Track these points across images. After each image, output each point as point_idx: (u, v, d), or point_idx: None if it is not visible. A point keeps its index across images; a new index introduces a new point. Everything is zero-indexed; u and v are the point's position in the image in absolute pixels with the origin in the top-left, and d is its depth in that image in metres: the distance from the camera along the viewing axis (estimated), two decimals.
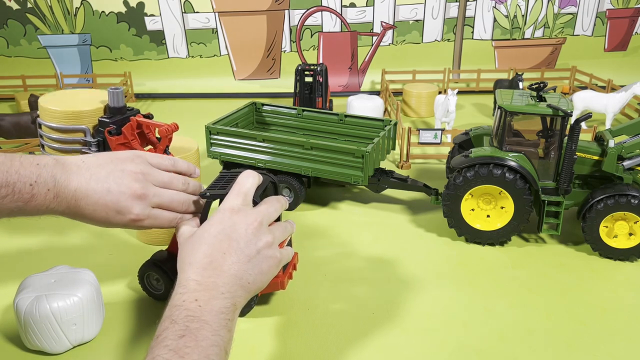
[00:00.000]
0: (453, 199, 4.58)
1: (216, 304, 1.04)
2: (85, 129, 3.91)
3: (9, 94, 9.32)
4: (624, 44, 10.04)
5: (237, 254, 1.12)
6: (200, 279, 1.06)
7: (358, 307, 3.92)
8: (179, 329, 0.97)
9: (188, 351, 0.93)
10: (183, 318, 0.99)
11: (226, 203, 1.24)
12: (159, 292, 4.01)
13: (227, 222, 1.18)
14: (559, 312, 3.89)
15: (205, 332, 0.98)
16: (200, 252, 1.12)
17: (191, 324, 0.98)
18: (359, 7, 9.54)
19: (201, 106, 9.19)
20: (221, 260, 1.10)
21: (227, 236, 1.15)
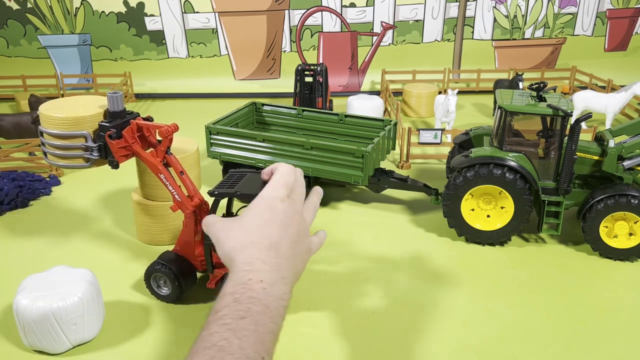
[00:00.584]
0: (453, 199, 4.58)
1: (278, 289, 1.03)
2: (86, 134, 3.94)
3: (9, 94, 9.34)
4: (624, 44, 10.04)
5: (291, 240, 1.10)
6: (266, 259, 1.04)
7: (358, 306, 3.92)
8: (240, 309, 0.95)
9: (246, 334, 0.92)
10: (247, 299, 0.97)
11: (271, 192, 1.21)
12: (166, 294, 4.03)
13: (279, 208, 1.15)
14: (559, 312, 3.89)
15: (265, 317, 0.97)
16: (259, 233, 1.09)
17: (253, 307, 0.96)
18: (359, 7, 9.54)
19: (201, 106, 9.19)
20: (280, 243, 1.08)
21: (280, 222, 1.11)
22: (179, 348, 3.54)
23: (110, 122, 3.94)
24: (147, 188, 4.61)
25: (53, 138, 4.01)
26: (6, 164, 6.22)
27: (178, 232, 4.82)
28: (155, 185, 4.56)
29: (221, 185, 3.43)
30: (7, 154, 6.18)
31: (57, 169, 6.20)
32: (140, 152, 3.96)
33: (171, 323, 3.77)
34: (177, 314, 3.87)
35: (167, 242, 4.72)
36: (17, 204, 5.44)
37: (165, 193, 4.60)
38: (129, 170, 6.11)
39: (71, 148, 4.02)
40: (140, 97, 9.59)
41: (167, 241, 4.73)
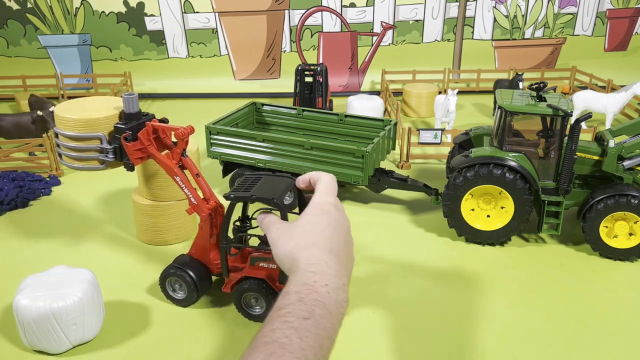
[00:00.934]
0: (453, 199, 4.58)
1: (340, 295, 1.03)
2: (101, 136, 3.89)
3: (9, 94, 9.33)
4: (624, 44, 10.04)
5: (347, 248, 1.12)
6: (330, 263, 1.05)
7: (358, 306, 3.92)
8: (305, 309, 0.96)
9: (308, 335, 0.92)
10: (312, 300, 0.97)
11: (324, 198, 1.23)
12: (181, 298, 3.96)
13: (333, 214, 1.17)
14: (559, 312, 3.89)
15: (326, 322, 0.97)
16: (320, 236, 1.10)
17: (317, 309, 0.97)
18: (359, 7, 9.54)
19: (201, 106, 9.19)
20: (339, 249, 1.09)
21: (335, 228, 1.14)
22: (179, 348, 3.54)
23: (125, 123, 3.90)
24: (147, 188, 4.61)
25: (68, 139, 4.00)
26: (6, 164, 6.22)
27: (178, 232, 4.83)
28: (156, 186, 4.56)
29: (237, 189, 3.40)
30: (7, 154, 6.18)
31: (57, 168, 6.20)
32: (156, 154, 3.93)
33: (171, 323, 3.77)
34: (177, 314, 3.86)
35: (167, 242, 4.73)
36: (17, 204, 5.44)
37: (166, 193, 4.60)
38: None
39: (86, 150, 3.99)
40: (140, 97, 9.58)
41: (167, 241, 4.73)
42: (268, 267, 3.73)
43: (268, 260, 3.72)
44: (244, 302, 3.77)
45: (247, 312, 3.78)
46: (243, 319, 3.80)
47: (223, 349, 3.53)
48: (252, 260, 3.75)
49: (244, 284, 3.71)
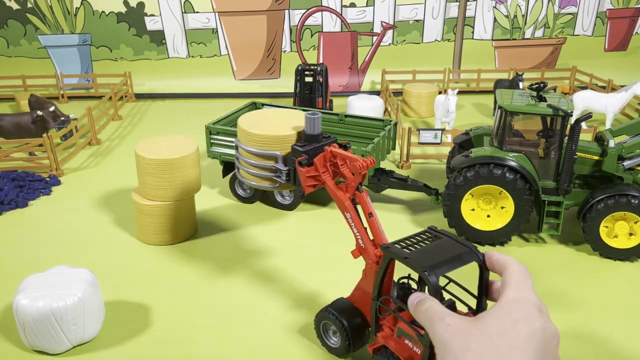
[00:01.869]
0: (453, 199, 4.57)
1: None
2: (278, 155, 3.56)
3: (9, 94, 9.33)
4: (624, 44, 10.03)
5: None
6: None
7: None
8: None
9: None
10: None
11: (525, 293, 0.93)
12: (334, 346, 3.46)
13: (538, 324, 0.89)
14: (559, 312, 3.88)
15: None
16: (517, 353, 0.86)
17: None
18: (359, 7, 9.54)
19: (201, 106, 9.19)
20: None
21: (542, 345, 0.88)
22: (178, 348, 3.54)
23: (303, 145, 3.48)
24: (147, 188, 4.61)
25: (247, 154, 3.69)
26: (6, 164, 6.22)
27: (178, 232, 4.83)
28: (156, 186, 4.56)
29: (402, 242, 2.97)
30: (7, 154, 6.18)
31: (57, 168, 6.20)
32: (331, 184, 3.46)
33: (171, 323, 3.77)
34: (177, 314, 3.86)
35: (167, 242, 4.72)
36: (17, 204, 5.44)
37: (166, 193, 4.60)
38: (129, 170, 6.12)
39: (262, 168, 3.68)
40: (140, 97, 9.58)
41: (167, 241, 4.73)
42: (412, 350, 3.21)
43: (415, 342, 3.17)
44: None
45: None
46: (246, 320, 3.80)
47: (223, 349, 3.53)
48: (399, 331, 3.26)
49: (382, 354, 3.30)
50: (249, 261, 4.45)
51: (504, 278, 0.98)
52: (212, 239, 4.86)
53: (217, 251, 4.65)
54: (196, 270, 4.36)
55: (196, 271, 4.35)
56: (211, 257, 4.55)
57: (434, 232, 2.96)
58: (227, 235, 4.91)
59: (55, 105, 7.16)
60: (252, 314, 3.86)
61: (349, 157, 3.35)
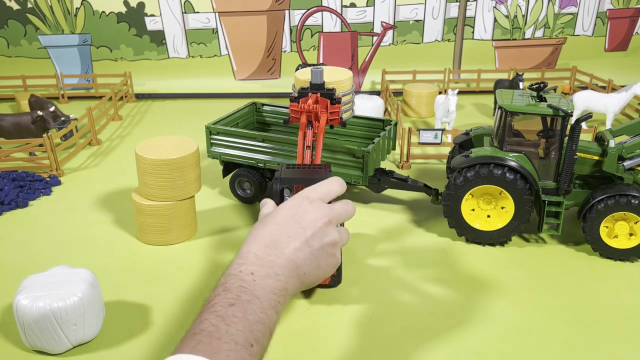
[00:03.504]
0: (453, 199, 4.58)
1: (269, 283, 1.04)
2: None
3: (9, 94, 9.33)
4: (625, 44, 10.03)
5: (301, 242, 1.12)
6: (261, 254, 1.08)
7: (359, 306, 3.92)
8: (230, 297, 0.99)
9: (235, 320, 0.95)
10: (236, 287, 1.00)
11: (304, 192, 1.23)
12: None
13: (300, 208, 1.17)
14: (559, 312, 3.89)
15: (255, 306, 0.99)
16: (267, 229, 1.14)
17: (243, 295, 1.00)
18: (359, 7, 9.54)
19: (201, 106, 9.19)
20: (284, 242, 1.10)
21: (296, 222, 1.14)
22: None
23: (305, 89, 4.29)
24: (147, 188, 4.61)
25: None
26: (6, 164, 6.22)
27: (178, 232, 4.83)
28: (156, 186, 4.56)
29: (297, 166, 3.62)
30: (7, 154, 6.18)
31: (57, 168, 6.19)
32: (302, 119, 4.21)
33: (171, 323, 3.77)
34: (177, 314, 3.86)
35: (167, 243, 4.73)
36: (17, 204, 5.44)
37: (166, 193, 4.59)
38: (129, 170, 6.11)
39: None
40: (140, 97, 9.59)
41: (168, 241, 4.73)
42: None
43: None
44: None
45: None
46: None
47: None
48: None
49: None
50: None
51: None
52: (212, 239, 4.86)
53: (217, 251, 4.65)
54: (196, 271, 4.36)
55: (196, 271, 4.35)
56: (211, 257, 4.54)
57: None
58: (227, 235, 4.91)
59: (55, 105, 7.16)
60: None
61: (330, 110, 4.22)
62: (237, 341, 0.92)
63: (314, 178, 3.81)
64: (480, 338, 3.59)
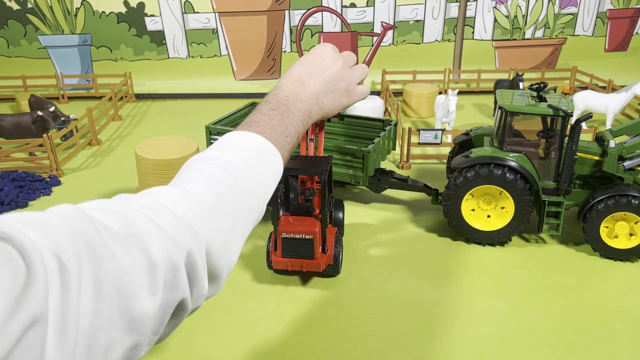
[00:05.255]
0: (453, 199, 4.57)
1: (298, 105, 1.34)
2: None
3: (9, 94, 9.33)
4: (625, 44, 10.03)
5: (320, 78, 1.43)
6: (291, 86, 1.38)
7: (358, 306, 3.92)
8: (271, 106, 1.28)
9: (275, 118, 1.25)
10: (275, 101, 1.30)
11: (329, 46, 1.57)
12: None
13: (321, 53, 1.49)
14: (559, 312, 3.89)
15: (289, 115, 1.29)
16: (295, 70, 1.44)
17: (280, 106, 1.29)
18: (359, 8, 9.54)
19: (201, 106, 9.19)
20: (307, 78, 1.41)
21: (317, 63, 1.45)
22: (178, 347, 3.53)
23: None
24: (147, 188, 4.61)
25: None
26: (6, 164, 6.22)
27: None
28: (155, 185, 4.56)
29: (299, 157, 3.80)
30: (7, 154, 6.18)
31: (57, 169, 6.19)
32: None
33: None
34: None
35: None
36: (17, 204, 5.44)
37: None
38: (129, 170, 6.11)
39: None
40: (140, 97, 9.59)
41: None
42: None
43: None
44: None
45: None
46: (246, 317, 3.80)
47: (223, 350, 3.53)
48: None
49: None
50: (248, 261, 4.45)
51: None
52: None
53: None
54: None
55: None
56: None
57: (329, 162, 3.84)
58: None
59: (55, 105, 7.16)
60: (252, 314, 3.86)
61: None
62: (277, 130, 1.23)
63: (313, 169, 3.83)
64: (480, 338, 3.59)
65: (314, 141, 4.34)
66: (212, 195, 1.02)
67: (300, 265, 3.94)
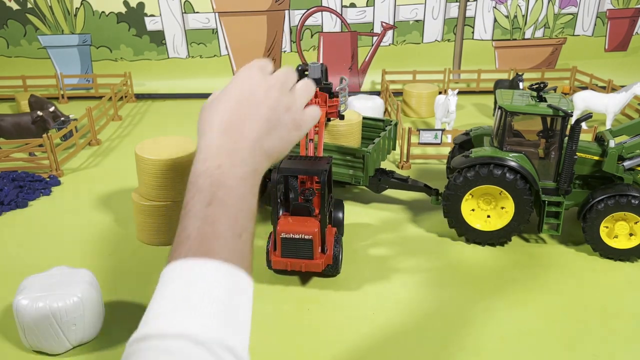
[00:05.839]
0: (453, 199, 4.57)
1: (238, 171, 1.03)
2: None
3: (9, 94, 9.33)
4: (625, 44, 10.03)
5: (257, 119, 1.09)
6: (222, 144, 1.05)
7: (358, 307, 3.92)
8: (205, 197, 0.98)
9: (217, 217, 0.95)
10: (208, 186, 0.99)
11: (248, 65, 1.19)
12: None
13: (246, 85, 1.13)
14: (559, 312, 3.88)
15: (232, 198, 0.99)
16: (218, 116, 1.11)
17: (217, 191, 0.99)
18: (359, 7, 9.54)
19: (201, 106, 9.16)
20: (241, 124, 1.08)
21: (246, 99, 1.11)
22: None
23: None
24: (147, 188, 4.61)
25: None
26: (6, 164, 6.22)
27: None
28: (156, 185, 4.56)
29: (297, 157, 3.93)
30: (7, 154, 6.18)
31: (57, 169, 6.19)
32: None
33: None
34: None
35: (167, 243, 4.72)
36: (17, 204, 5.44)
37: (166, 193, 4.59)
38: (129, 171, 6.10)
39: None
40: (140, 97, 9.58)
41: (168, 241, 4.72)
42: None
43: None
44: None
45: None
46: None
47: None
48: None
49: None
50: None
51: None
52: None
53: None
54: None
55: None
56: None
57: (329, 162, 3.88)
58: None
59: (55, 105, 7.15)
60: (252, 314, 3.85)
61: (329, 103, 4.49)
62: (226, 237, 0.94)
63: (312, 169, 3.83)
64: (480, 338, 3.59)
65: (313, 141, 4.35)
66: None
67: (299, 265, 3.94)
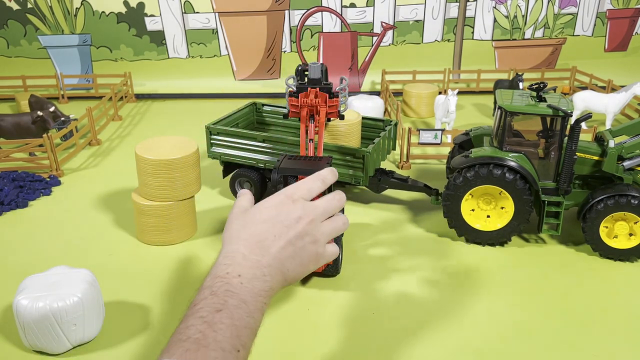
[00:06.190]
0: (453, 199, 4.58)
1: (257, 285, 1.05)
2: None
3: (9, 94, 9.33)
4: (624, 44, 10.03)
5: (285, 241, 1.13)
6: (248, 255, 1.09)
7: (359, 307, 3.92)
8: (217, 301, 0.99)
9: (222, 327, 0.95)
10: (223, 292, 1.01)
11: (288, 190, 1.24)
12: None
13: (284, 207, 1.18)
14: (559, 312, 3.89)
15: (242, 311, 1.00)
16: (252, 229, 1.15)
17: (230, 300, 1.00)
18: (359, 8, 9.54)
19: (201, 106, 9.19)
20: (270, 242, 1.12)
21: (280, 222, 1.15)
22: None
23: (302, 84, 4.59)
24: (147, 188, 4.61)
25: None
26: (6, 164, 6.22)
27: (178, 232, 4.83)
28: (156, 185, 4.56)
29: (297, 157, 3.82)
30: (7, 154, 6.18)
31: (57, 169, 6.19)
32: (302, 113, 4.47)
33: (171, 323, 3.77)
34: (176, 314, 3.86)
35: (167, 243, 4.73)
36: (17, 204, 5.44)
37: (166, 193, 4.59)
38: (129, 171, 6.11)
39: None
40: (140, 97, 9.58)
41: (168, 241, 4.73)
42: None
43: None
44: None
45: None
46: None
47: None
48: None
49: None
50: None
51: None
52: (212, 239, 4.86)
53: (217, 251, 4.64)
54: (196, 270, 4.37)
55: (196, 271, 4.36)
56: (211, 257, 4.54)
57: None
58: None
59: (55, 105, 7.16)
60: None
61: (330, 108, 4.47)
62: (225, 348, 0.93)
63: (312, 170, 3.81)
64: (480, 338, 3.59)
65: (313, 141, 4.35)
66: None
67: None
